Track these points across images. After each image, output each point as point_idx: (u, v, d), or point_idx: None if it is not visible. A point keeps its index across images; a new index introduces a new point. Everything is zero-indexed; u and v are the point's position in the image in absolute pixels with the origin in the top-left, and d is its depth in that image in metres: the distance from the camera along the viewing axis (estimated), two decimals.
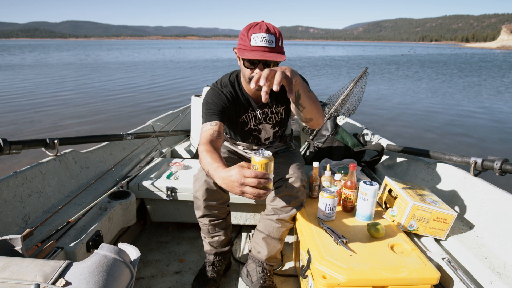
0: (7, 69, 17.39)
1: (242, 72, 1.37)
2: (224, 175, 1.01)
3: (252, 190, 0.95)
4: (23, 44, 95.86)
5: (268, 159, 1.01)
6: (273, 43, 1.23)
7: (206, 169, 1.17)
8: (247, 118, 1.50)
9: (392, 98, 9.68)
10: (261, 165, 1.00)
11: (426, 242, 1.34)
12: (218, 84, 1.45)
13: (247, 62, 1.28)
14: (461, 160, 1.64)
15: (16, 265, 0.75)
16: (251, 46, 1.23)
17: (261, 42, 1.22)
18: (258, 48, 1.22)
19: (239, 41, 1.29)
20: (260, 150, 1.06)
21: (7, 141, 1.46)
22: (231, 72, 1.49)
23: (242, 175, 0.95)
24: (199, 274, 1.53)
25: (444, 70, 20.38)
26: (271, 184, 1.01)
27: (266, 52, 1.23)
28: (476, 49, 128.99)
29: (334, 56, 37.82)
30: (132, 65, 21.41)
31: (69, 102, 8.37)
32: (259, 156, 1.01)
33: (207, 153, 1.18)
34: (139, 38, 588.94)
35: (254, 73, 1.28)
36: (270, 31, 1.23)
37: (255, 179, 0.94)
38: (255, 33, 1.22)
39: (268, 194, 1.01)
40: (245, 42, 1.25)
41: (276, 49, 1.24)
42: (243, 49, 1.26)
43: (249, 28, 1.25)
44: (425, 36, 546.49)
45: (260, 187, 0.96)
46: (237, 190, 0.97)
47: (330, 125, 2.27)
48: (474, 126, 6.70)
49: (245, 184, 0.95)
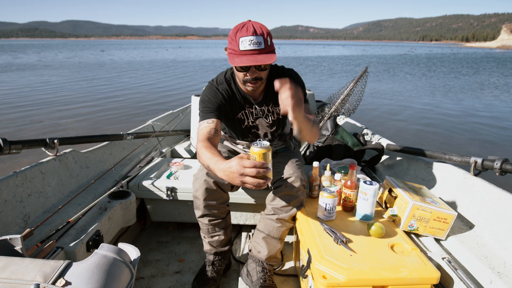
0: (7, 69, 17.38)
1: (235, 74, 1.38)
2: (225, 167, 1.04)
3: (252, 180, 0.99)
4: (24, 44, 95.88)
5: (266, 149, 1.05)
6: (262, 44, 1.22)
7: (206, 164, 1.19)
8: (244, 115, 1.50)
9: (392, 98, 9.67)
10: (259, 155, 1.04)
11: (426, 242, 1.34)
12: (214, 82, 1.46)
13: (239, 67, 1.28)
14: (461, 159, 1.64)
15: (16, 265, 0.75)
16: (240, 50, 1.22)
17: (249, 45, 1.20)
18: (248, 52, 1.21)
19: (228, 44, 1.28)
20: (258, 140, 1.08)
21: (7, 141, 1.46)
22: (226, 70, 1.49)
23: (241, 166, 0.99)
24: (199, 274, 1.53)
25: (444, 70, 20.38)
26: (271, 174, 1.05)
27: (256, 55, 1.22)
28: (477, 48, 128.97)
29: (334, 56, 37.80)
30: (134, 64, 21.41)
31: (69, 102, 8.37)
32: (257, 147, 1.05)
33: (206, 149, 1.21)
34: (139, 38, 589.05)
35: (246, 77, 1.29)
36: (257, 33, 1.21)
37: (254, 169, 0.99)
38: (243, 37, 1.21)
39: (268, 183, 1.03)
40: (234, 46, 1.24)
41: (265, 50, 1.23)
42: (233, 54, 1.25)
43: (236, 31, 1.24)
44: (425, 35, 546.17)
45: (260, 176, 1.00)
46: (237, 180, 1.01)
47: (330, 125, 2.27)
48: (474, 125, 6.70)
49: (244, 174, 0.99)
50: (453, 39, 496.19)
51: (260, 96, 1.47)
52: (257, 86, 1.35)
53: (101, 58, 28.42)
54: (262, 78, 1.33)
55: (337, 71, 18.09)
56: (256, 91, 1.42)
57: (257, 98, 1.48)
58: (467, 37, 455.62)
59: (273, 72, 1.45)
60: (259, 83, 1.34)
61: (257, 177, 1.00)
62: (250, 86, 1.34)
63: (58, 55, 32.71)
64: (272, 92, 1.46)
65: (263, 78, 1.34)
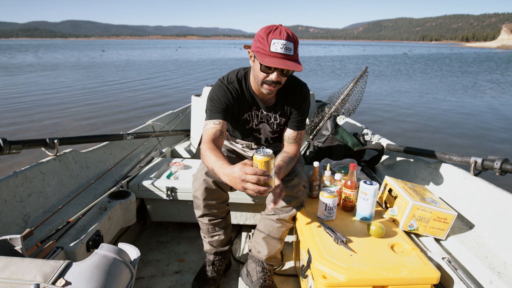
0: (7, 69, 17.38)
1: (255, 73, 1.34)
2: (229, 172, 1.07)
3: (253, 187, 1.01)
4: (22, 44, 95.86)
5: (269, 157, 1.05)
6: (292, 51, 1.22)
7: (210, 166, 1.20)
8: (250, 116, 1.50)
9: (393, 98, 9.68)
10: (260, 163, 1.05)
11: (426, 242, 1.34)
12: (224, 80, 1.44)
13: (264, 67, 1.26)
14: (461, 159, 1.64)
15: (16, 265, 0.75)
16: (270, 51, 1.21)
17: (281, 49, 1.20)
18: (278, 55, 1.21)
19: (256, 43, 1.26)
20: (261, 148, 1.09)
21: (7, 141, 1.46)
22: (239, 69, 1.48)
23: (243, 172, 1.01)
24: (199, 274, 1.53)
25: (444, 69, 20.37)
26: (273, 182, 1.06)
27: (285, 60, 1.21)
28: (477, 48, 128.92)
29: (334, 56, 37.79)
30: (134, 65, 21.41)
31: (69, 102, 8.37)
32: (259, 155, 1.05)
33: (211, 151, 1.22)
34: (139, 38, 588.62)
35: (269, 78, 1.28)
36: (290, 39, 1.21)
37: (255, 176, 1.00)
38: (276, 39, 1.20)
39: (269, 191, 1.05)
40: (264, 46, 1.22)
41: (294, 57, 1.24)
42: (261, 53, 1.23)
43: (268, 32, 1.22)
44: (425, 35, 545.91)
45: (261, 184, 1.01)
46: (239, 186, 1.03)
47: (330, 125, 2.27)
48: (474, 125, 6.70)
49: (246, 180, 1.01)
50: (453, 39, 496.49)
51: (270, 101, 1.47)
52: (274, 90, 1.34)
53: (101, 58, 28.42)
54: (281, 83, 1.32)
55: (337, 71, 18.09)
56: (269, 95, 1.42)
57: (267, 102, 1.47)
58: (467, 37, 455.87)
59: (288, 79, 1.44)
60: (277, 87, 1.33)
61: (258, 184, 1.01)
62: (267, 89, 1.32)
63: (58, 55, 32.70)
64: (282, 101, 1.47)
65: (282, 84, 1.33)
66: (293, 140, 1.50)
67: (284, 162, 1.35)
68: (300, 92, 1.47)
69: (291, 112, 1.49)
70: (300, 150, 2.47)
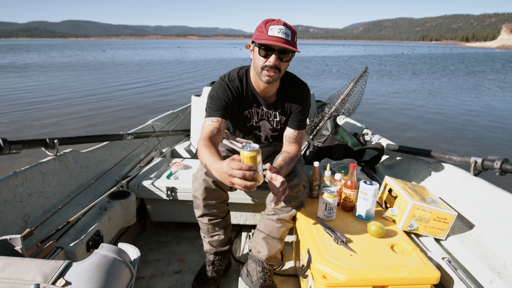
0: (7, 69, 17.38)
1: (254, 63, 1.35)
2: (218, 167, 1.09)
3: (240, 182, 1.02)
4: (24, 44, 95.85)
5: (255, 152, 1.06)
6: (289, 37, 1.26)
7: (204, 162, 1.23)
8: (250, 113, 1.51)
9: (393, 98, 9.67)
10: (246, 158, 1.05)
11: (426, 242, 1.34)
12: (226, 78, 1.45)
13: (262, 50, 1.28)
14: (461, 159, 1.64)
15: (16, 265, 0.75)
16: (268, 36, 1.25)
17: (278, 33, 1.24)
18: (275, 38, 1.25)
19: (255, 34, 1.31)
20: (248, 144, 1.10)
21: (7, 141, 1.46)
22: (240, 67, 1.50)
23: (230, 167, 1.02)
24: (199, 274, 1.53)
25: (444, 68, 20.37)
26: (260, 177, 1.07)
27: (282, 43, 1.25)
28: (477, 48, 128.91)
29: (334, 55, 37.79)
30: (134, 64, 21.41)
31: (69, 102, 8.37)
32: (246, 150, 1.06)
33: (205, 148, 1.24)
34: (139, 38, 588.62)
35: (268, 62, 1.29)
36: (287, 26, 1.27)
37: (240, 171, 1.01)
38: (273, 25, 1.26)
39: (257, 185, 1.05)
40: (262, 32, 1.27)
41: (291, 43, 1.27)
42: (260, 38, 1.27)
43: (267, 22, 1.29)
44: (425, 35, 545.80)
45: (248, 178, 1.02)
46: (227, 181, 1.05)
47: (330, 125, 2.27)
48: (474, 125, 6.69)
49: (232, 175, 1.02)
50: (453, 39, 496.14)
51: (271, 98, 1.48)
52: (273, 78, 1.33)
53: (102, 58, 28.41)
54: (281, 70, 1.33)
55: (337, 71, 18.08)
56: (269, 90, 1.43)
57: (268, 99, 1.48)
58: (467, 37, 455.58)
59: (288, 78, 1.48)
60: (276, 74, 1.32)
61: (246, 179, 1.02)
62: (266, 75, 1.32)
63: (58, 55, 32.69)
64: (283, 99, 1.48)
65: (281, 71, 1.34)
66: (294, 139, 1.50)
67: (285, 162, 1.35)
68: (301, 91, 1.48)
69: (292, 111, 1.49)
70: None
